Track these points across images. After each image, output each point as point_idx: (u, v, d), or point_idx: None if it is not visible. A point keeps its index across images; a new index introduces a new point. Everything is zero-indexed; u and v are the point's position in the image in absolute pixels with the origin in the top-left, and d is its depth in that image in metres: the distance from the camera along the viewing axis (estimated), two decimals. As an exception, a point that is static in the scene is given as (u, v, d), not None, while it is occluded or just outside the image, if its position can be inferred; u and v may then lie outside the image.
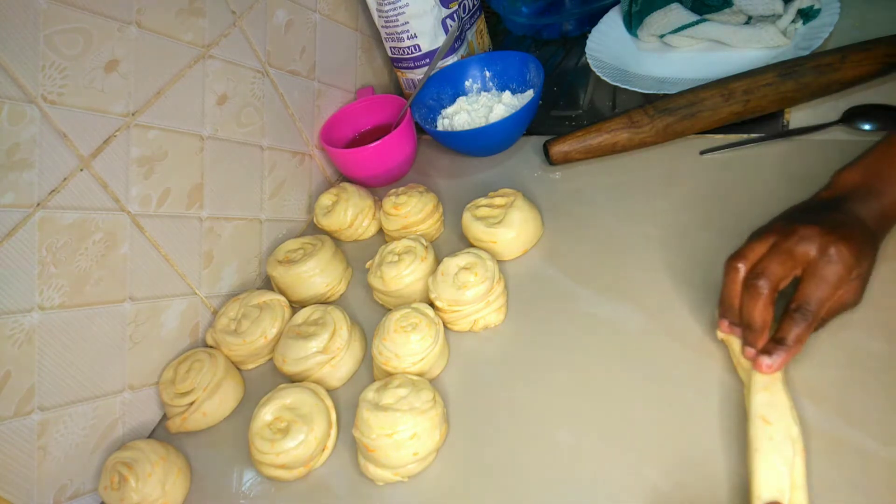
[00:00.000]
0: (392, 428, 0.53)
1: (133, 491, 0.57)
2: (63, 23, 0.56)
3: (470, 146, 0.85)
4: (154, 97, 0.65)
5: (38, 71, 0.55)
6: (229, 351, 0.68)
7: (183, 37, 0.67)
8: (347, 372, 0.65)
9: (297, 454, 0.56)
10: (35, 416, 0.58)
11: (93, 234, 0.61)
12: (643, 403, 0.53)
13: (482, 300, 0.62)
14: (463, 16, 0.91)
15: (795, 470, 0.43)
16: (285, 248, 0.75)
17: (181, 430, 0.65)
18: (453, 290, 0.62)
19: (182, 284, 0.70)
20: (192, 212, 0.70)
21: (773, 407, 0.46)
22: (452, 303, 0.62)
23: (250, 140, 0.77)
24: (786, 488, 0.42)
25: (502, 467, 0.53)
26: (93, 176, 0.60)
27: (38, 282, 0.57)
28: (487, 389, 0.59)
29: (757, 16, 0.80)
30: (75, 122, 0.58)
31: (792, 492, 0.42)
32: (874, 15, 0.77)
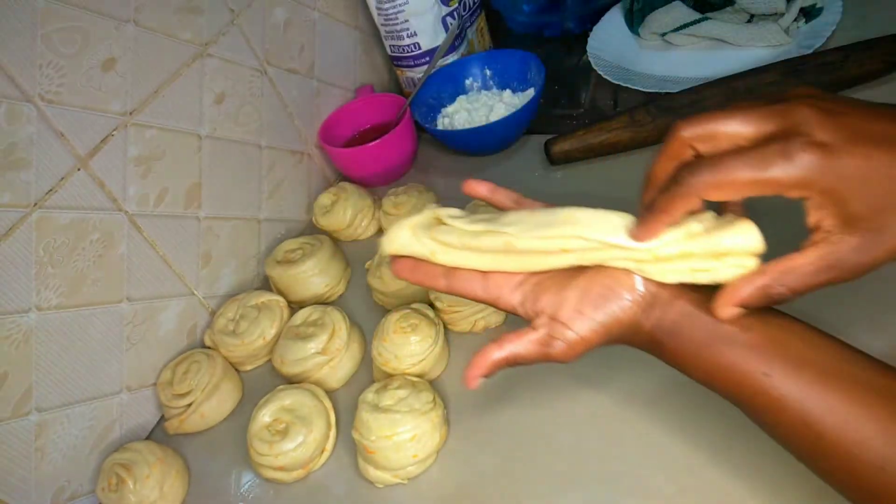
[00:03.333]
0: (392, 430, 0.53)
1: (131, 492, 0.57)
2: (60, 21, 0.56)
3: (470, 145, 0.84)
4: (152, 96, 0.64)
5: (36, 70, 0.55)
6: (227, 352, 0.68)
7: (181, 35, 0.66)
8: (347, 373, 0.65)
9: (296, 456, 0.56)
10: (32, 418, 0.57)
11: (90, 234, 0.60)
12: (645, 404, 0.53)
13: (482, 301, 0.62)
14: (463, 14, 0.90)
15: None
16: (284, 248, 0.75)
17: (179, 431, 0.65)
18: (453, 291, 0.62)
19: (180, 285, 0.70)
20: (190, 211, 0.70)
21: None
22: (452, 303, 0.62)
23: (248, 139, 0.76)
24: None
25: (502, 469, 0.53)
26: (90, 175, 0.60)
27: (35, 282, 0.57)
28: (487, 391, 0.59)
29: (759, 14, 0.80)
30: (72, 121, 0.58)
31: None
32: (877, 14, 0.77)
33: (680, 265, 0.37)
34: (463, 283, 0.44)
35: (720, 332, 0.37)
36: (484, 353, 0.43)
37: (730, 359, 0.36)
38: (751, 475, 0.46)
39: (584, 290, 0.40)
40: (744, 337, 0.36)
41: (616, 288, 0.40)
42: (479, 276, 0.44)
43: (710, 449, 0.48)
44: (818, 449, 0.34)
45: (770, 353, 0.35)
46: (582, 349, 0.40)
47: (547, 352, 0.41)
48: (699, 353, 0.38)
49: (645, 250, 0.37)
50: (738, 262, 0.36)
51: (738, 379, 0.36)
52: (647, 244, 0.37)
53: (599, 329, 0.40)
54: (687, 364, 0.39)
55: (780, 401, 0.35)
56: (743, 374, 0.36)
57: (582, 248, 0.39)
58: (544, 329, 0.41)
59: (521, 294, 0.43)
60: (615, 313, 0.40)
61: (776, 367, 0.35)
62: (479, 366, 0.43)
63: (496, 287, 0.43)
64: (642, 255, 0.38)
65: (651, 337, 0.40)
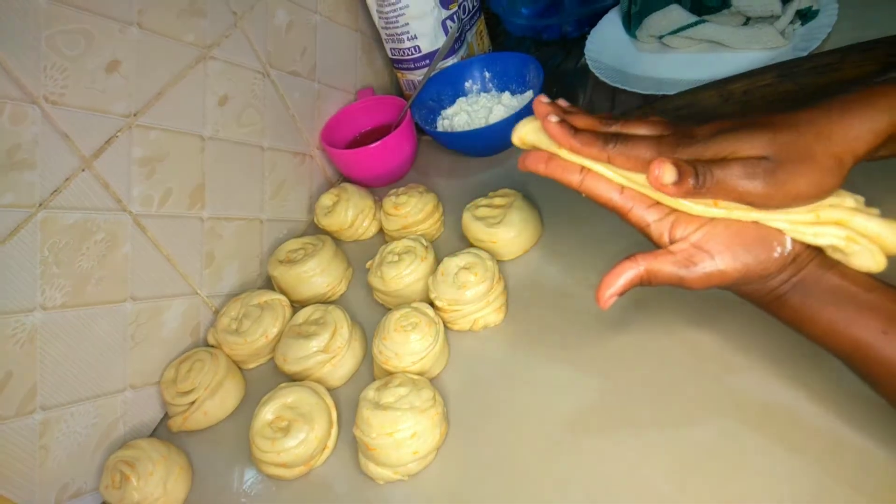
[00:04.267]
0: (392, 427, 0.53)
1: (134, 490, 0.57)
2: (64, 23, 0.56)
3: (470, 147, 0.85)
4: (155, 98, 0.65)
5: (40, 71, 0.55)
6: (230, 350, 0.68)
7: (184, 37, 0.67)
8: (348, 371, 0.65)
9: (298, 453, 0.56)
10: (37, 416, 0.58)
11: (94, 235, 0.61)
12: (644, 403, 0.53)
13: (482, 300, 0.63)
14: (463, 17, 0.91)
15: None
16: (286, 248, 0.75)
17: (182, 429, 0.66)
18: (453, 290, 0.63)
19: (183, 284, 0.70)
20: (194, 212, 0.71)
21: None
22: (452, 302, 0.63)
23: (251, 140, 0.77)
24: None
25: (502, 466, 0.53)
26: (94, 176, 0.61)
27: (40, 282, 0.57)
28: (487, 389, 0.60)
29: (755, 17, 0.80)
30: (77, 122, 0.58)
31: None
32: (873, 15, 0.77)
33: (836, 231, 0.39)
34: (597, 184, 0.44)
35: (846, 290, 0.39)
36: (617, 269, 0.42)
37: (852, 315, 0.39)
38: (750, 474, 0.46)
39: (736, 232, 0.41)
40: (867, 296, 0.39)
41: (769, 239, 0.40)
42: (615, 184, 0.43)
43: (710, 449, 0.49)
44: None
45: (889, 314, 0.38)
46: (717, 282, 0.41)
47: (681, 275, 0.41)
48: (822, 308, 0.40)
49: (808, 211, 0.39)
50: (877, 252, 0.39)
51: (856, 334, 0.39)
52: (814, 205, 0.39)
53: (741, 269, 0.40)
54: (806, 320, 0.41)
55: (894, 356, 0.37)
56: (861, 329, 0.38)
57: (735, 206, 0.40)
58: (684, 253, 0.41)
59: (659, 213, 0.43)
60: (762, 260, 0.40)
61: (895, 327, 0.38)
62: (611, 284, 0.42)
63: (631, 198, 0.43)
64: (803, 217, 0.39)
65: (775, 292, 0.41)
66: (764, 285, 0.42)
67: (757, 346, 0.53)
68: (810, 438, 0.46)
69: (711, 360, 0.54)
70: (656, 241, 0.43)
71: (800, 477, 0.45)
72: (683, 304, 0.58)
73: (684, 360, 0.55)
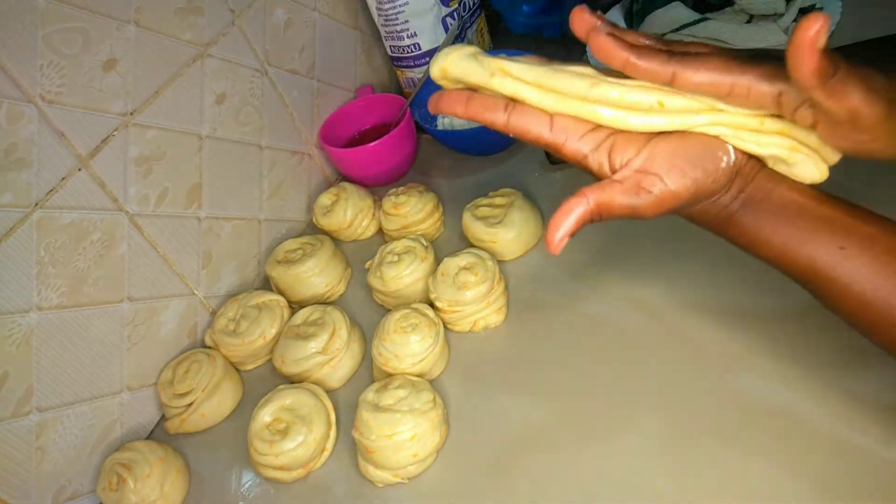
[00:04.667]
0: (392, 429, 0.53)
1: (131, 492, 0.57)
2: (61, 22, 0.56)
3: (470, 146, 0.84)
4: (152, 96, 0.64)
5: (37, 70, 0.55)
6: (228, 351, 0.68)
7: (181, 36, 0.67)
8: (347, 373, 0.65)
9: (297, 455, 0.56)
10: (33, 417, 0.58)
11: (91, 234, 0.61)
12: (645, 404, 0.53)
13: (482, 300, 0.62)
14: (463, 14, 0.90)
15: None
16: (284, 248, 0.75)
17: (180, 430, 0.65)
18: (453, 291, 0.62)
19: (180, 285, 0.70)
20: (191, 211, 0.70)
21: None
22: (452, 303, 0.62)
23: (249, 139, 0.76)
24: None
25: (502, 468, 0.53)
26: (91, 175, 0.60)
27: (35, 282, 0.57)
28: (487, 390, 0.59)
29: (758, 15, 0.80)
30: (73, 121, 0.58)
31: None
32: (876, 14, 0.77)
33: (778, 140, 0.37)
34: (525, 119, 0.39)
35: (798, 204, 0.37)
36: (565, 207, 0.38)
37: (806, 231, 0.37)
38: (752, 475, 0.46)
39: (679, 146, 0.38)
40: (821, 209, 0.37)
41: (714, 149, 0.38)
42: (545, 116, 0.39)
43: (712, 450, 0.48)
44: (884, 323, 0.36)
45: (845, 228, 0.36)
46: (670, 205, 0.38)
47: (633, 204, 0.38)
48: (775, 225, 0.38)
49: (754, 116, 0.37)
50: (819, 161, 0.37)
51: (812, 252, 0.37)
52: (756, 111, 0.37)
53: (691, 186, 0.38)
54: (760, 240, 0.39)
55: (852, 275, 0.36)
56: (817, 246, 0.37)
57: (678, 109, 0.37)
58: (631, 180, 0.38)
59: (594, 142, 0.39)
60: (710, 172, 0.38)
61: (852, 242, 0.36)
62: (560, 224, 0.38)
63: (563, 130, 0.39)
64: (748, 122, 0.37)
65: (727, 210, 0.39)
66: (714, 204, 0.39)
67: (758, 346, 0.53)
68: (811, 439, 0.46)
69: (713, 361, 0.53)
70: (597, 173, 0.40)
71: (801, 477, 0.45)
72: (685, 304, 0.58)
73: (686, 360, 0.54)
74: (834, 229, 0.37)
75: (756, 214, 0.38)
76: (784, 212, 0.38)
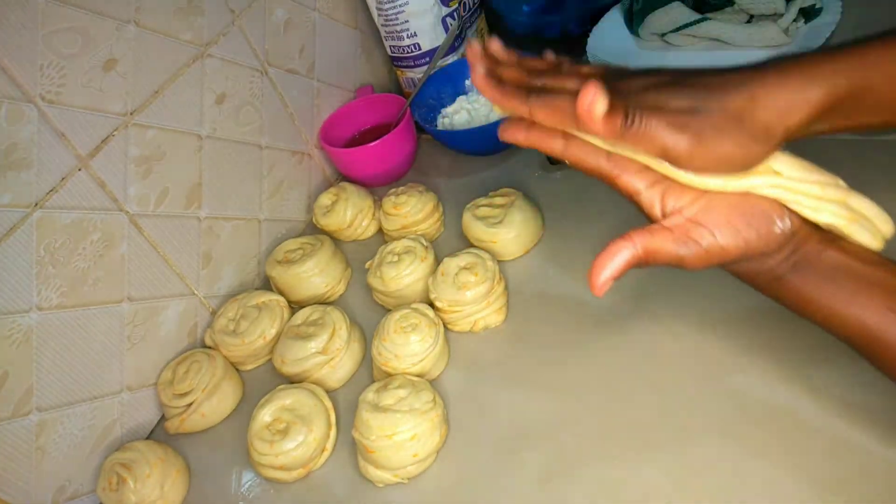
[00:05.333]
0: (392, 429, 0.53)
1: (131, 492, 0.57)
2: (62, 22, 0.56)
3: (470, 145, 0.84)
4: (152, 96, 0.64)
5: (37, 70, 0.55)
6: (228, 351, 0.68)
7: (181, 35, 0.66)
8: (347, 373, 0.65)
9: (297, 455, 0.56)
10: (33, 417, 0.58)
11: (91, 234, 0.61)
12: (645, 404, 0.53)
13: (482, 300, 0.62)
14: (463, 14, 0.90)
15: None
16: (284, 248, 0.75)
17: (180, 431, 0.65)
18: (453, 291, 0.62)
19: (180, 285, 0.70)
20: (191, 212, 0.70)
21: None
22: (452, 303, 0.62)
23: (249, 139, 0.76)
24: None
25: (502, 469, 0.53)
26: (91, 176, 0.60)
27: (35, 282, 0.57)
28: (487, 390, 0.59)
29: (758, 14, 0.79)
30: (73, 121, 0.58)
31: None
32: (876, 14, 0.77)
33: (836, 209, 0.38)
34: (583, 149, 0.40)
35: (847, 266, 0.37)
36: (611, 249, 0.38)
37: (853, 294, 0.37)
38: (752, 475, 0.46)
39: (735, 204, 0.38)
40: (868, 271, 0.37)
41: (770, 213, 0.38)
42: (601, 151, 0.40)
43: (712, 450, 0.48)
44: None
45: (892, 290, 0.36)
46: (717, 260, 0.38)
47: (681, 254, 0.38)
48: (823, 287, 0.38)
49: (813, 183, 0.37)
50: (876, 232, 0.38)
51: (860, 314, 0.36)
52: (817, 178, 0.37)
53: (742, 245, 0.38)
54: (807, 301, 0.38)
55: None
56: (865, 309, 0.36)
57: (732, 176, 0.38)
58: (681, 229, 0.38)
59: (649, 180, 0.39)
60: (762, 235, 0.38)
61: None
62: (604, 265, 0.38)
63: (619, 163, 0.40)
64: (808, 189, 0.37)
65: (775, 272, 0.39)
66: (763, 264, 0.39)
67: (758, 346, 0.53)
68: (812, 439, 0.46)
69: (713, 361, 0.53)
70: (647, 211, 0.40)
71: (801, 477, 0.45)
72: (685, 304, 0.58)
73: (686, 360, 0.54)
74: (883, 292, 0.36)
75: (804, 276, 0.38)
76: (832, 273, 0.37)
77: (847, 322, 0.37)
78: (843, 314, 0.37)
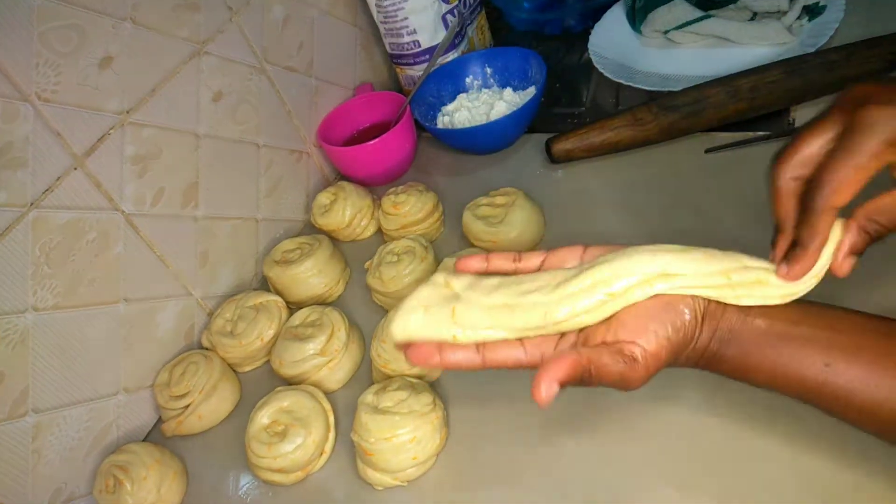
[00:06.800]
0: (391, 431, 0.52)
1: (128, 495, 0.56)
2: (57, 19, 0.55)
3: (470, 144, 0.84)
4: (148, 94, 0.64)
5: (32, 68, 0.54)
6: (225, 353, 0.67)
7: (178, 33, 0.66)
8: (346, 374, 0.64)
9: (295, 458, 0.55)
10: (29, 419, 0.57)
11: (87, 234, 0.60)
12: (646, 405, 0.52)
13: (483, 301, 0.61)
14: (463, 11, 0.90)
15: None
16: (282, 248, 0.74)
17: (176, 433, 0.65)
18: (453, 291, 0.61)
19: (177, 285, 0.69)
20: (187, 211, 0.69)
21: None
22: (452, 304, 0.62)
23: (246, 138, 0.76)
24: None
25: (502, 472, 0.53)
26: (86, 175, 0.59)
27: (31, 282, 0.56)
28: (487, 393, 0.59)
29: (762, 12, 0.79)
30: (69, 120, 0.57)
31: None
32: (880, 12, 0.76)
33: (754, 291, 0.39)
34: (499, 353, 0.41)
35: (774, 330, 0.38)
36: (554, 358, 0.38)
37: (789, 355, 0.38)
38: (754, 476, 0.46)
39: (641, 309, 0.39)
40: (797, 331, 0.38)
41: (673, 304, 0.39)
42: (516, 344, 0.41)
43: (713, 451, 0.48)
44: (893, 423, 0.36)
45: (825, 342, 0.37)
46: (654, 368, 0.39)
47: (622, 370, 0.38)
48: (759, 354, 0.38)
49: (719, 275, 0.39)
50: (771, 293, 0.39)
51: (800, 374, 0.37)
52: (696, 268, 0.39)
53: (666, 344, 0.39)
54: (748, 369, 0.39)
55: (847, 387, 0.36)
56: (804, 367, 0.37)
57: (623, 291, 0.39)
58: (614, 347, 0.39)
59: (569, 343, 0.41)
60: (679, 326, 0.39)
61: (836, 357, 0.36)
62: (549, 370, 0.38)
63: (536, 348, 0.41)
64: (715, 281, 0.39)
65: (708, 350, 0.40)
66: (695, 350, 0.40)
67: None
68: (814, 440, 0.46)
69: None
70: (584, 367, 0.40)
71: (802, 478, 0.45)
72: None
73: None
74: (816, 349, 0.37)
75: (738, 347, 0.39)
76: (764, 339, 0.38)
77: (789, 384, 0.38)
78: (784, 377, 0.38)
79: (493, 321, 0.41)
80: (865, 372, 0.36)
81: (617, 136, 0.73)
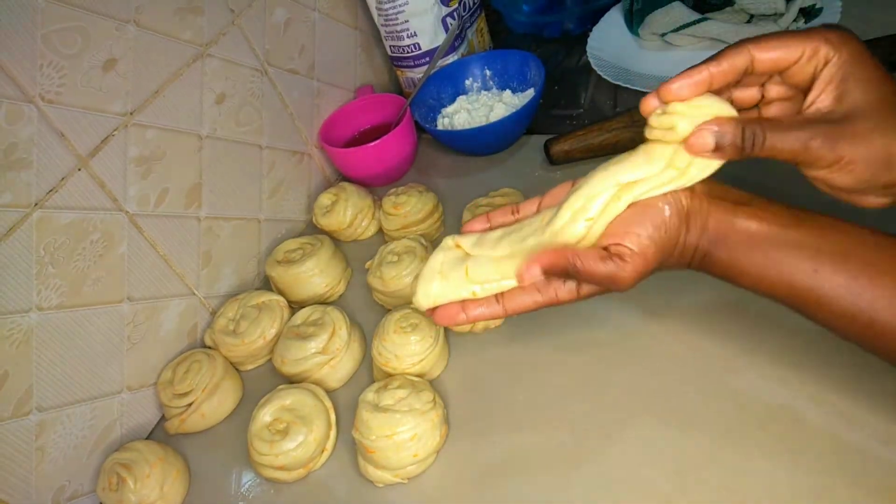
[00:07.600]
0: (392, 429, 0.53)
1: (131, 492, 0.57)
2: (61, 21, 0.56)
3: (470, 145, 0.84)
4: (152, 96, 0.64)
5: (36, 70, 0.55)
6: (228, 352, 0.68)
7: (181, 35, 0.66)
8: (347, 373, 0.65)
9: (297, 455, 0.56)
10: (33, 417, 0.57)
11: (90, 234, 0.60)
12: (645, 404, 0.53)
13: (482, 301, 0.62)
14: (463, 14, 0.90)
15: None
16: (284, 248, 0.75)
17: (180, 431, 0.65)
18: (453, 291, 0.62)
19: (180, 285, 0.70)
20: (191, 212, 0.70)
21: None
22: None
23: (249, 139, 0.76)
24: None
25: (502, 469, 0.53)
26: (91, 176, 0.60)
27: (35, 282, 0.57)
28: (487, 390, 0.59)
29: (759, 14, 0.80)
30: (73, 121, 0.58)
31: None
32: (875, 14, 0.77)
33: (697, 163, 0.40)
34: (519, 302, 0.44)
35: (764, 232, 0.39)
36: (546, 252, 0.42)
37: (778, 259, 0.38)
38: (752, 475, 0.46)
39: (621, 219, 0.41)
40: (787, 234, 0.38)
41: (650, 204, 0.40)
42: (530, 288, 0.44)
43: (712, 450, 0.48)
44: (871, 332, 0.37)
45: (815, 249, 0.38)
46: (642, 265, 0.40)
47: (611, 271, 0.40)
48: (748, 257, 0.39)
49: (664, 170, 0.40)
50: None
51: (788, 278, 0.38)
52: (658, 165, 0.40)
53: (649, 244, 0.40)
54: (736, 271, 0.40)
55: (831, 294, 0.37)
56: (792, 272, 0.38)
57: (602, 211, 0.41)
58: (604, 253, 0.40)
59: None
60: (658, 223, 0.40)
61: (824, 263, 0.37)
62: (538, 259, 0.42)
63: (548, 284, 0.44)
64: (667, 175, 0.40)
65: (698, 249, 0.41)
66: (684, 248, 0.41)
67: (759, 346, 0.53)
68: (811, 438, 0.46)
69: (713, 361, 0.53)
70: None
71: (801, 477, 0.45)
72: (685, 304, 0.58)
73: (686, 360, 0.54)
74: (805, 253, 0.38)
75: (728, 249, 0.40)
76: (753, 242, 0.39)
77: (776, 287, 0.39)
78: (772, 280, 0.39)
79: (502, 272, 0.44)
80: (850, 279, 0.36)
81: (615, 138, 0.73)
